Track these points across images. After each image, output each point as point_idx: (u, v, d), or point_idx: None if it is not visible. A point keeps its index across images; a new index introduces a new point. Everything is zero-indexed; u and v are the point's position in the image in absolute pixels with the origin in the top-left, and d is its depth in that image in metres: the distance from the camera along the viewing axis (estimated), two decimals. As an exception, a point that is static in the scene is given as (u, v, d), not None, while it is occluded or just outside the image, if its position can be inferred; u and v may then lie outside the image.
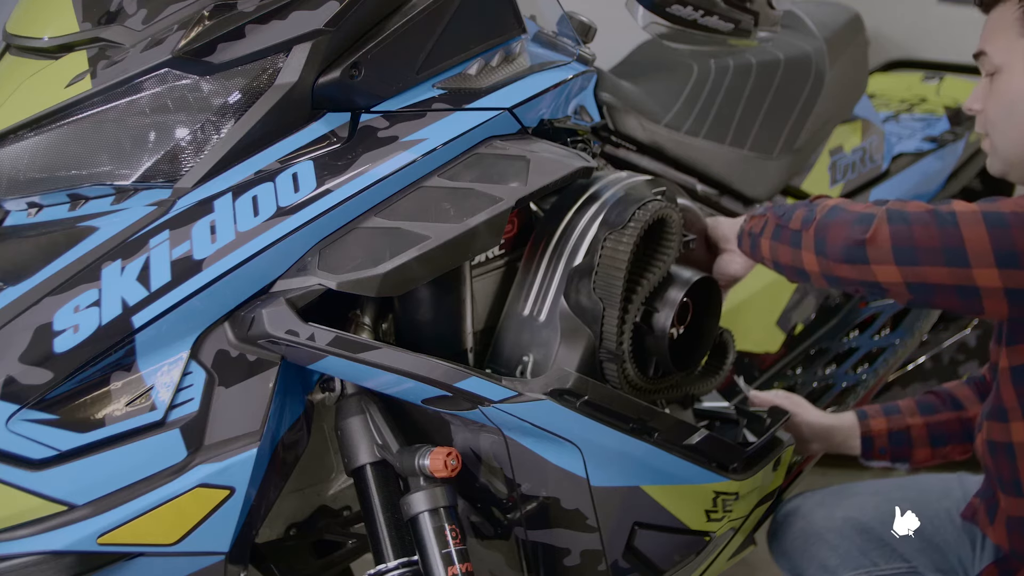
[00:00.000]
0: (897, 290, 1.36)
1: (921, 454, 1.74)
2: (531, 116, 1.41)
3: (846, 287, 1.43)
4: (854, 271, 1.38)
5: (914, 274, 1.34)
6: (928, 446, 1.73)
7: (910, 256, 1.33)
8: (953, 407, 1.73)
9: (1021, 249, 1.28)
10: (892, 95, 2.78)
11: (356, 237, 1.24)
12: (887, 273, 1.35)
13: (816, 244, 1.41)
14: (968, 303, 1.33)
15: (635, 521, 1.44)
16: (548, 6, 1.60)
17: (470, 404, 1.29)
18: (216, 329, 1.22)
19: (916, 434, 1.73)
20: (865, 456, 1.76)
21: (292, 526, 1.56)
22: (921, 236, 1.33)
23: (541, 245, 1.43)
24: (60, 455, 1.14)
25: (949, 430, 1.72)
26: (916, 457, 1.74)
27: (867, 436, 1.75)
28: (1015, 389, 1.44)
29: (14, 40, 1.35)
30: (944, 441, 1.72)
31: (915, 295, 1.36)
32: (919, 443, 1.73)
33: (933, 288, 1.34)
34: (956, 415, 1.72)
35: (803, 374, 2.21)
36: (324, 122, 1.28)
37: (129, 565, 1.19)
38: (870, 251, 1.35)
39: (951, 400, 1.74)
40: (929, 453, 1.73)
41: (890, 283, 1.36)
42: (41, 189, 1.25)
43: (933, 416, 1.73)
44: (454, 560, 1.28)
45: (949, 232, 1.31)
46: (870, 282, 1.37)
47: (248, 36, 1.25)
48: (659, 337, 1.43)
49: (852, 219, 1.39)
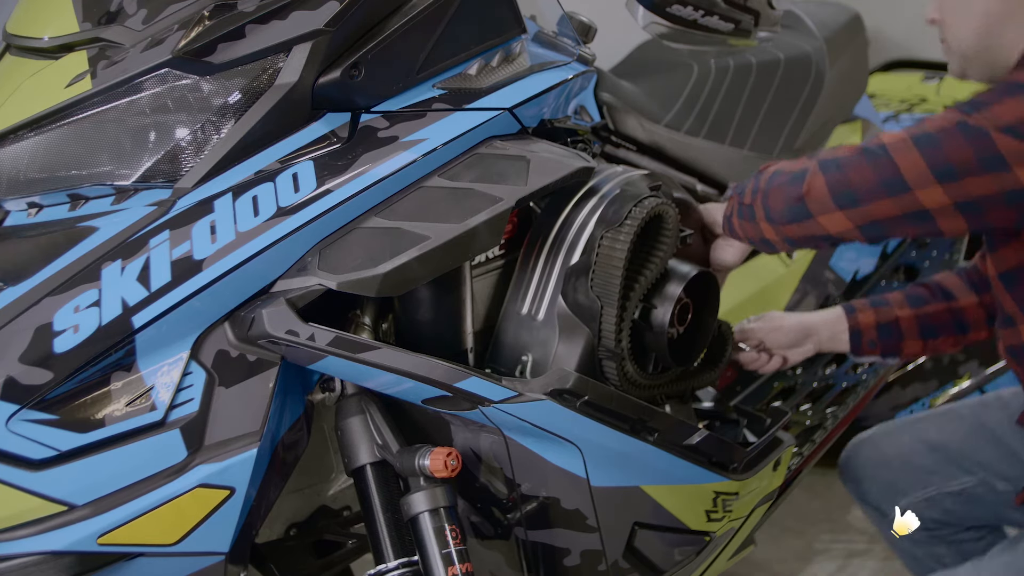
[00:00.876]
0: (851, 235, 1.36)
1: (911, 347, 1.70)
2: (531, 116, 1.41)
3: (806, 245, 1.43)
4: (802, 228, 1.38)
5: (860, 215, 1.34)
6: (918, 338, 1.69)
7: (850, 198, 1.33)
8: (943, 298, 1.69)
9: (956, 161, 1.28)
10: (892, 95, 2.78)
11: (356, 237, 1.24)
12: (834, 221, 1.35)
13: (765, 212, 1.43)
14: (924, 227, 1.32)
15: (635, 521, 1.44)
16: (548, 6, 1.60)
17: (470, 404, 1.29)
18: (216, 329, 1.22)
19: (906, 326, 1.69)
20: (855, 351, 1.73)
21: (292, 526, 1.56)
22: (856, 176, 1.33)
23: (538, 243, 1.43)
24: (60, 455, 1.14)
25: (939, 321, 1.68)
26: (906, 350, 1.71)
27: (855, 330, 1.71)
28: (1010, 294, 1.44)
29: (14, 40, 1.35)
30: (934, 333, 1.69)
31: (870, 234, 1.36)
32: (909, 335, 1.69)
33: (884, 223, 1.33)
34: (946, 306, 1.68)
35: (803, 374, 2.21)
36: (324, 122, 1.28)
37: (129, 565, 1.19)
38: (810, 205, 1.36)
39: (941, 291, 1.70)
40: (920, 346, 1.70)
41: (841, 231, 1.36)
42: (41, 189, 1.25)
43: (923, 308, 1.69)
44: (454, 560, 1.28)
45: (882, 164, 1.31)
46: (822, 235, 1.38)
47: (248, 36, 1.25)
48: (658, 333, 1.43)
49: (788, 179, 1.40)
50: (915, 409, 2.49)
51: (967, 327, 1.67)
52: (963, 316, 1.68)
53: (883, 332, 1.70)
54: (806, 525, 2.43)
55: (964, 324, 1.68)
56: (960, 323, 1.68)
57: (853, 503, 2.50)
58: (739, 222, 1.51)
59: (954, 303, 1.69)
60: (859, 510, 2.48)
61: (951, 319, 1.68)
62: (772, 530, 2.37)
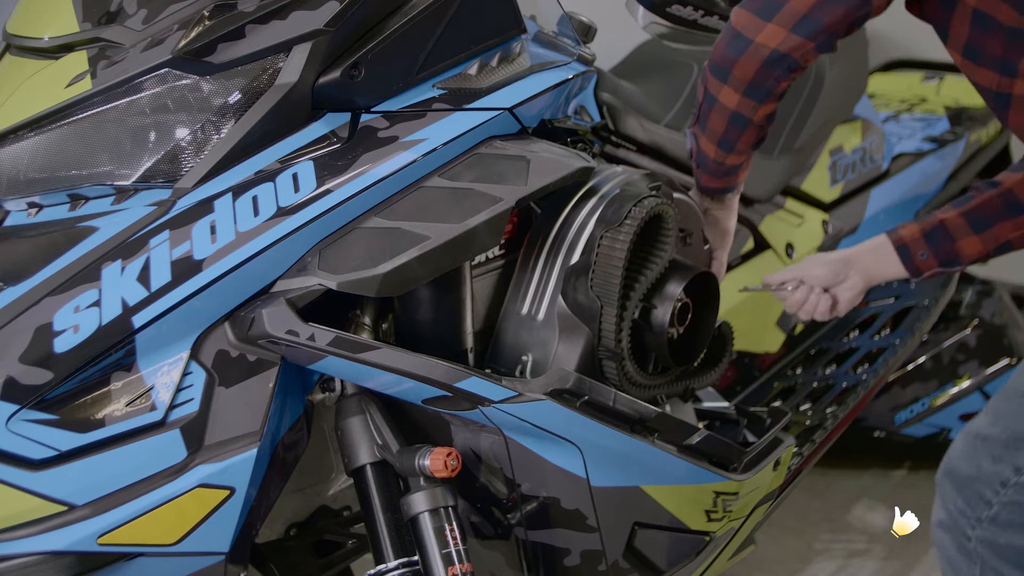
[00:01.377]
0: (792, 43, 1.35)
1: (969, 246, 1.55)
2: (531, 116, 1.41)
3: (766, 81, 1.40)
4: (749, 59, 1.37)
5: (788, 15, 1.33)
6: (972, 234, 1.54)
7: (771, 5, 1.33)
8: (988, 187, 1.56)
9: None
10: (892, 95, 2.78)
11: (356, 237, 1.24)
12: (770, 34, 1.34)
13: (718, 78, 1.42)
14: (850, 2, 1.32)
15: (635, 521, 1.44)
16: (548, 6, 1.60)
17: (470, 404, 1.29)
18: (216, 329, 1.22)
19: (954, 225, 1.55)
20: (910, 270, 1.58)
21: (292, 526, 1.56)
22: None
23: (538, 243, 1.43)
24: (60, 455, 1.14)
25: (989, 210, 1.54)
26: (964, 251, 1.55)
27: (901, 245, 1.57)
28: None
29: (14, 40, 1.35)
30: (987, 223, 1.54)
31: (807, 32, 1.34)
32: (960, 233, 1.54)
33: (812, 14, 1.32)
34: (993, 193, 1.55)
35: (803, 374, 2.21)
36: (324, 122, 1.28)
37: (129, 565, 1.19)
38: (744, 31, 1.36)
39: (986, 184, 1.57)
40: (977, 242, 1.54)
41: (780, 41, 1.35)
42: (41, 189, 1.25)
43: (968, 204, 1.56)
44: (454, 560, 1.27)
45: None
46: (770, 56, 1.36)
47: (248, 36, 1.25)
48: (658, 333, 1.43)
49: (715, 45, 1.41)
50: (915, 409, 2.49)
51: (1022, 207, 1.53)
52: (1013, 196, 1.54)
53: (931, 238, 1.56)
54: (806, 525, 2.43)
55: (1018, 205, 1.53)
56: (1013, 204, 1.54)
57: (853, 503, 2.51)
58: (703, 135, 1.49)
59: (1001, 187, 1.55)
60: (859, 510, 2.48)
61: (1002, 203, 1.54)
62: (772, 530, 2.37)
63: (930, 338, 2.51)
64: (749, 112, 1.43)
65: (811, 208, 2.32)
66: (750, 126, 1.45)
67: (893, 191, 2.47)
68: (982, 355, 2.53)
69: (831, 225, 2.32)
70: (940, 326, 2.52)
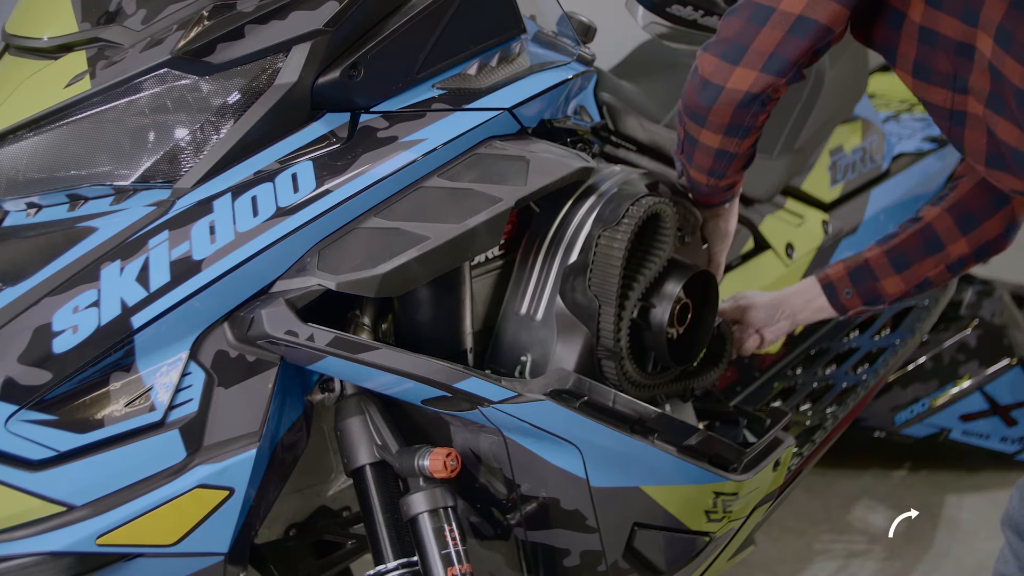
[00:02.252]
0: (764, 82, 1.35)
1: (891, 285, 1.61)
2: (531, 116, 1.41)
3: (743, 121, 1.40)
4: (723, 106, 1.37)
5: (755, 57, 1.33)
6: (894, 273, 1.61)
7: (737, 49, 1.33)
8: (911, 222, 1.62)
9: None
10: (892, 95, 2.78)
11: (356, 237, 1.24)
12: (740, 78, 1.34)
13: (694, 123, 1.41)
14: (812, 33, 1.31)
15: (635, 522, 1.43)
16: (548, 6, 1.60)
17: (470, 404, 1.29)
18: (215, 329, 1.22)
19: (876, 264, 1.61)
20: (835, 307, 1.65)
21: (292, 526, 1.56)
22: (729, 32, 1.34)
23: (536, 243, 1.43)
24: (59, 456, 1.14)
25: (909, 247, 1.60)
26: (887, 290, 1.62)
27: (827, 284, 1.65)
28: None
29: (13, 40, 1.35)
30: (908, 261, 1.60)
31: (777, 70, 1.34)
32: (882, 272, 1.61)
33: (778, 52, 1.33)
34: (913, 230, 1.61)
35: (803, 374, 2.21)
36: (324, 122, 1.28)
37: (128, 566, 1.19)
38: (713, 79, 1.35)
39: (909, 220, 1.63)
40: (899, 281, 1.61)
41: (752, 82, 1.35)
42: (40, 189, 1.25)
43: (889, 241, 1.62)
44: (454, 561, 1.27)
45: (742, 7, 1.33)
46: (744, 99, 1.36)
47: (247, 36, 1.25)
48: (657, 333, 1.43)
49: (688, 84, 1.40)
50: (915, 409, 2.49)
51: (941, 242, 1.58)
52: (931, 231, 1.59)
53: (856, 278, 1.63)
54: (806, 525, 2.43)
55: (936, 241, 1.59)
56: (931, 241, 1.59)
57: (853, 503, 2.51)
58: (690, 166, 1.49)
59: (921, 223, 1.61)
60: (859, 510, 2.48)
61: (921, 240, 1.60)
62: (772, 530, 2.37)
63: (930, 338, 2.51)
64: (733, 148, 1.43)
65: (811, 208, 2.32)
66: (737, 157, 1.46)
67: (893, 191, 2.47)
68: (982, 355, 2.53)
69: (831, 225, 2.32)
70: (940, 326, 2.52)
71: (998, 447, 2.53)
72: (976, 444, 2.52)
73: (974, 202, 1.58)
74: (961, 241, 1.60)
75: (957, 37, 1.32)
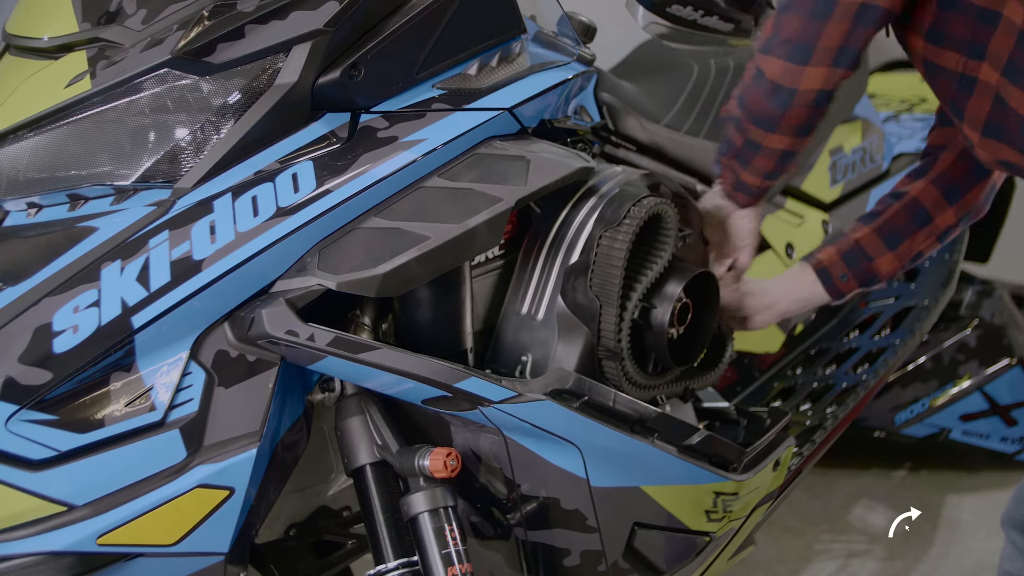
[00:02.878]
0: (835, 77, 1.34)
1: (885, 264, 1.62)
2: (531, 116, 1.41)
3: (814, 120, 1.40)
4: (797, 107, 1.36)
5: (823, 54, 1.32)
6: (887, 251, 1.61)
7: (803, 50, 1.32)
8: (894, 199, 1.63)
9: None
10: (892, 95, 2.78)
11: (356, 237, 1.24)
12: (811, 77, 1.34)
13: (759, 128, 1.41)
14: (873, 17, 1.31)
15: (635, 521, 1.44)
16: (548, 6, 1.60)
17: (470, 404, 1.29)
18: (216, 329, 1.22)
19: (868, 243, 1.61)
20: (831, 292, 1.64)
21: (292, 526, 1.56)
22: (790, 29, 1.33)
23: (537, 243, 1.43)
24: (60, 455, 1.14)
25: (898, 223, 1.61)
26: (882, 269, 1.62)
27: (821, 269, 1.63)
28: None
29: (14, 40, 1.35)
30: (899, 237, 1.61)
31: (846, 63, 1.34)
32: (875, 251, 1.61)
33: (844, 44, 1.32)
34: (898, 205, 1.61)
35: (803, 374, 2.21)
36: (324, 122, 1.28)
37: (129, 565, 1.19)
38: (783, 82, 1.34)
39: (891, 196, 1.64)
40: (892, 258, 1.62)
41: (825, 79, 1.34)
42: (41, 189, 1.25)
43: (877, 220, 1.63)
44: (454, 560, 1.27)
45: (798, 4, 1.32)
46: (815, 98, 1.36)
47: (248, 36, 1.25)
48: (657, 333, 1.43)
49: (752, 88, 1.39)
50: (915, 409, 2.49)
51: (929, 215, 1.59)
52: (918, 205, 1.60)
53: (848, 259, 1.62)
54: (806, 525, 2.43)
55: (924, 214, 1.60)
56: (920, 215, 1.60)
57: (853, 503, 2.51)
58: (744, 170, 1.47)
59: (906, 198, 1.61)
60: (859, 510, 2.48)
61: (909, 215, 1.61)
62: (772, 530, 2.37)
63: (930, 338, 2.51)
64: (798, 147, 1.44)
65: (811, 208, 2.32)
66: (797, 155, 1.46)
67: (893, 191, 2.47)
68: (982, 355, 2.53)
69: (831, 225, 2.32)
70: (940, 326, 2.52)
71: (998, 447, 2.53)
72: (976, 444, 2.52)
73: (959, 173, 1.59)
74: (948, 212, 1.61)
75: (981, 3, 1.32)
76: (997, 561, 1.53)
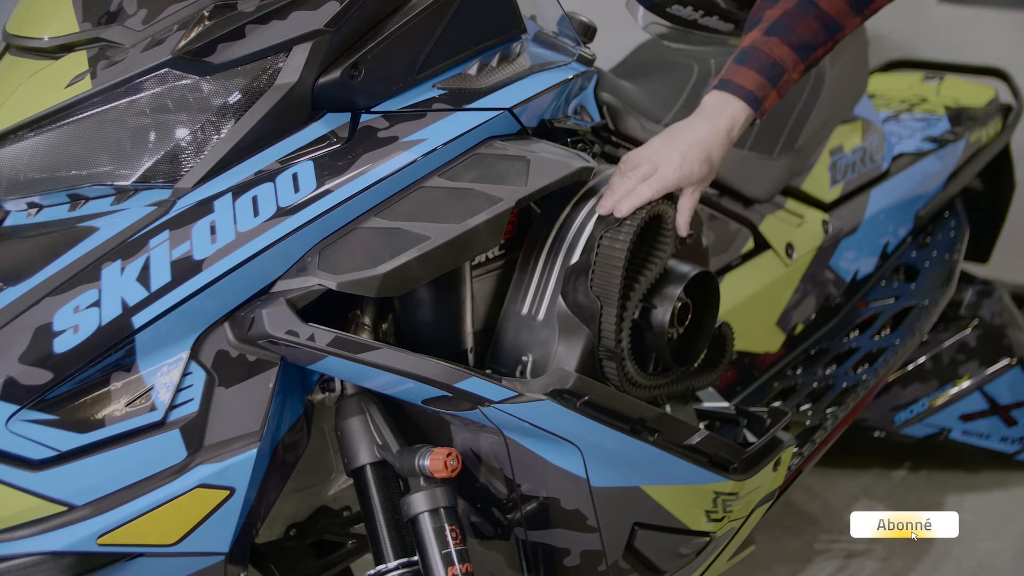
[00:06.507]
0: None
1: (797, 73, 1.50)
2: (531, 116, 1.41)
3: None
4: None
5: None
6: (800, 62, 1.49)
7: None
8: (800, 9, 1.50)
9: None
10: (892, 95, 2.78)
11: (356, 237, 1.24)
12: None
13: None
14: None
15: (635, 521, 1.44)
16: (548, 6, 1.60)
17: (470, 404, 1.29)
18: (216, 329, 1.22)
19: (787, 62, 1.48)
20: (759, 112, 1.49)
21: (292, 526, 1.56)
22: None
23: (538, 243, 1.43)
24: (60, 455, 1.14)
25: (809, 33, 1.48)
26: (793, 79, 1.50)
27: (751, 97, 1.47)
28: None
29: (14, 40, 1.35)
30: (811, 48, 1.49)
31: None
32: (791, 64, 1.48)
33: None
34: (811, 16, 1.48)
35: (803, 374, 2.21)
36: (324, 122, 1.28)
37: (129, 565, 1.19)
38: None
39: (797, 8, 1.51)
40: (802, 67, 1.50)
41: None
42: (41, 189, 1.25)
43: (786, 34, 1.48)
44: (454, 560, 1.28)
45: None
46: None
47: (248, 36, 1.25)
48: (658, 334, 1.43)
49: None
50: (915, 409, 2.49)
51: (839, 25, 1.50)
52: (828, 17, 1.49)
53: (772, 78, 1.48)
54: (806, 525, 2.43)
55: (835, 24, 1.50)
56: (830, 25, 1.50)
57: (853, 503, 2.51)
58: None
59: (813, 8, 1.49)
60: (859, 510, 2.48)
61: (821, 25, 1.49)
62: (772, 530, 2.37)
63: (930, 338, 2.51)
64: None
65: (811, 208, 2.32)
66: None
67: (893, 191, 2.47)
68: (982, 355, 2.53)
69: (831, 225, 2.32)
70: (940, 326, 2.52)
71: (998, 447, 2.53)
72: (976, 444, 2.53)
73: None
74: (855, 20, 1.52)
75: None
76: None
